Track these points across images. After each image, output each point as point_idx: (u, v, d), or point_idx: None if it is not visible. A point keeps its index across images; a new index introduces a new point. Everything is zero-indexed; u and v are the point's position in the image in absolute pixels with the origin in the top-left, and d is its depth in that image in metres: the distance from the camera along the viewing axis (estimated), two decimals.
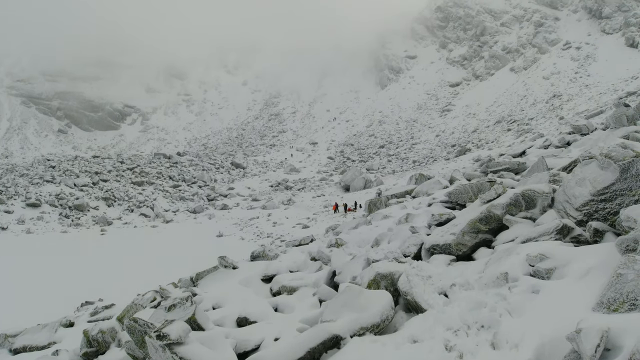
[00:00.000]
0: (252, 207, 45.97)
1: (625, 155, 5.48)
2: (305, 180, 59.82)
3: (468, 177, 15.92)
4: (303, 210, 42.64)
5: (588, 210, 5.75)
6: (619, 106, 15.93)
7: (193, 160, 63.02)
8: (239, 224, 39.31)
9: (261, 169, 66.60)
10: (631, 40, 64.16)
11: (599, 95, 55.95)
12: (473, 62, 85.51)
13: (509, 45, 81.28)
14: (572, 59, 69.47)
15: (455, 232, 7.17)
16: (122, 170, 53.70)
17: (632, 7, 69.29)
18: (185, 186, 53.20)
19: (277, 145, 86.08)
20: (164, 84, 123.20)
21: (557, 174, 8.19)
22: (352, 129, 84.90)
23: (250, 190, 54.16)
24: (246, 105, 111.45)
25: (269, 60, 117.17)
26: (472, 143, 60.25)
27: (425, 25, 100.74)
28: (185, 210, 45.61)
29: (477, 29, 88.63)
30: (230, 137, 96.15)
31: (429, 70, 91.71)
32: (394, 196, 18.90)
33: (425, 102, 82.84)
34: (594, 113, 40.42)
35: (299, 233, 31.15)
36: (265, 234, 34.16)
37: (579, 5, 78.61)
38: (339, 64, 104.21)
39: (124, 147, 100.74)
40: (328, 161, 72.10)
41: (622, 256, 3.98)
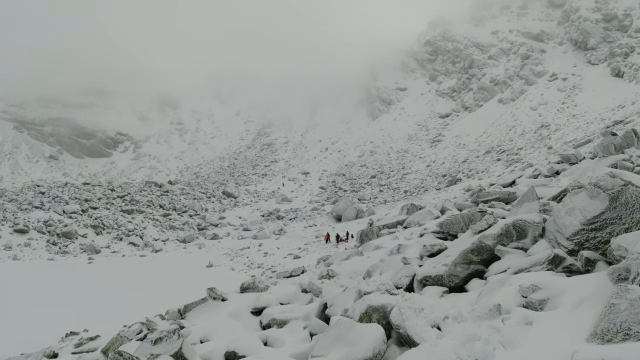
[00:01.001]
0: (243, 237, 45.57)
1: (614, 184, 5.53)
2: (297, 210, 59.65)
3: (459, 207, 15.96)
4: (294, 240, 42.33)
5: (579, 240, 5.74)
6: (606, 135, 16.19)
7: (184, 189, 62.73)
8: (229, 254, 38.85)
9: (253, 198, 66.39)
10: (617, 70, 65.86)
11: (586, 124, 57.04)
12: (462, 94, 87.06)
13: (497, 77, 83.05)
14: (558, 90, 71.05)
15: (447, 263, 7.12)
16: (112, 198, 53.25)
17: (617, 38, 71.39)
18: (176, 215, 52.74)
19: (269, 174, 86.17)
20: (158, 113, 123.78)
21: (547, 203, 8.23)
22: (343, 159, 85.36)
23: (242, 220, 53.82)
24: (239, 135, 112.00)
25: (262, 90, 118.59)
26: (463, 173, 60.75)
27: (415, 59, 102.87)
28: (175, 239, 45.06)
29: (465, 62, 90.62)
30: (223, 166, 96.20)
31: (419, 102, 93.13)
32: (386, 226, 18.88)
33: (416, 133, 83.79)
34: (582, 142, 41.12)
35: (290, 264, 30.85)
36: (255, 264, 33.75)
37: (564, 37, 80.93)
38: (331, 96, 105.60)
39: (115, 174, 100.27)
40: (320, 191, 72.13)
41: (615, 285, 3.96)
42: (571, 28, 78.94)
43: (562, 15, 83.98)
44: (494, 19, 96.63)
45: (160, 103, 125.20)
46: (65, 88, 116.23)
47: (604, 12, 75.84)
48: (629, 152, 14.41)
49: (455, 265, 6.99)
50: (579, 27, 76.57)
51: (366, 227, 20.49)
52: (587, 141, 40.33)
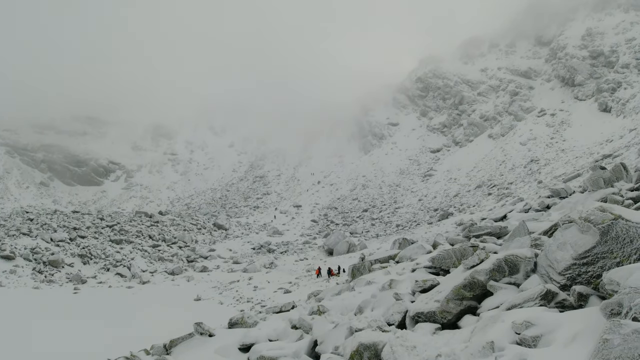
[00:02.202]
0: (232, 270, 44.91)
1: (604, 218, 5.54)
2: (288, 243, 59.18)
3: (451, 242, 15.92)
4: (285, 274, 41.78)
5: (571, 274, 5.71)
6: (595, 169, 16.37)
7: (175, 220, 62.14)
8: (218, 287, 38.17)
9: (244, 230, 65.87)
10: (604, 105, 67.32)
11: (575, 158, 57.86)
12: (452, 129, 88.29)
13: (486, 113, 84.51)
14: (547, 125, 72.32)
15: (440, 299, 7.04)
16: (101, 227, 52.58)
17: (604, 74, 73.21)
18: (165, 246, 52.04)
19: (260, 207, 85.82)
20: (151, 143, 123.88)
21: (539, 238, 8.22)
22: (336, 193, 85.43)
23: (232, 253, 53.20)
24: (232, 167, 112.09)
25: (255, 123, 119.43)
26: (454, 207, 60.92)
27: (407, 95, 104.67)
28: (164, 271, 44.28)
29: (455, 98, 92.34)
30: (214, 197, 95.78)
31: (410, 137, 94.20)
32: (378, 261, 18.75)
33: (408, 167, 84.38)
34: (571, 176, 41.61)
35: (281, 298, 30.33)
36: (245, 298, 33.13)
37: (551, 74, 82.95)
38: (324, 130, 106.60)
39: (105, 203, 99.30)
40: (312, 224, 71.81)
41: (607, 321, 3.91)
42: (558, 65, 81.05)
43: (549, 53, 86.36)
44: (482, 57, 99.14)
45: (154, 133, 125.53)
46: (59, 115, 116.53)
47: (590, 49, 78.09)
48: (619, 185, 14.56)
49: (448, 301, 6.90)
50: (566, 64, 78.64)
51: (358, 262, 20.33)
52: (577, 175, 40.84)
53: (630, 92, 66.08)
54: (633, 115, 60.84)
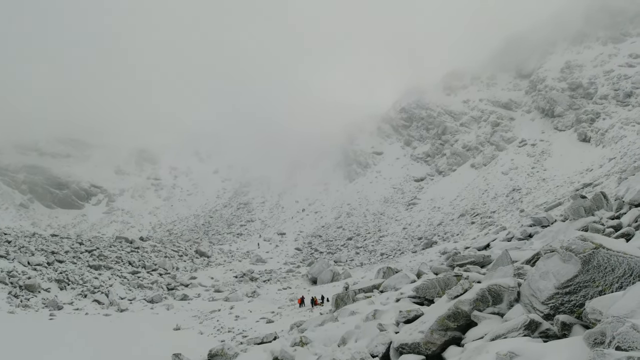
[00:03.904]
0: (214, 299, 44.08)
1: (585, 247, 5.58)
2: (272, 271, 58.47)
3: (435, 271, 15.90)
4: (268, 303, 41.13)
5: (554, 304, 5.71)
6: (576, 198, 16.63)
7: (156, 246, 61.04)
8: (198, 316, 37.35)
9: (226, 258, 64.96)
10: (583, 135, 68.99)
11: (556, 187, 58.86)
12: (436, 159, 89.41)
13: (469, 143, 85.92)
14: (528, 155, 73.72)
15: (424, 330, 6.96)
16: (80, 252, 51.34)
17: (583, 105, 75.21)
18: (145, 273, 50.93)
19: (244, 234, 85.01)
20: (135, 167, 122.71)
21: (522, 267, 8.24)
22: (320, 221, 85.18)
23: (214, 281, 52.26)
24: (215, 193, 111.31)
25: (241, 150, 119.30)
26: (438, 236, 61.15)
27: (391, 125, 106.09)
28: (143, 299, 43.22)
29: (438, 128, 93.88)
30: (197, 224, 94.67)
31: (394, 166, 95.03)
32: (362, 290, 18.61)
33: (392, 196, 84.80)
34: (552, 205, 42.23)
35: (263, 328, 29.78)
36: (226, 328, 32.42)
37: (532, 105, 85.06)
38: (309, 158, 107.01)
39: (85, 227, 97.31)
40: (295, 252, 71.22)
41: (591, 350, 3.90)
42: (538, 97, 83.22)
43: (530, 85, 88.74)
44: (465, 89, 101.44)
45: (138, 157, 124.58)
46: (43, 136, 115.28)
47: (569, 81, 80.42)
48: (599, 214, 14.78)
49: (432, 332, 6.83)
50: (546, 95, 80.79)
51: (342, 291, 20.13)
52: (558, 204, 41.46)
53: (608, 122, 67.96)
54: (612, 144, 62.43)
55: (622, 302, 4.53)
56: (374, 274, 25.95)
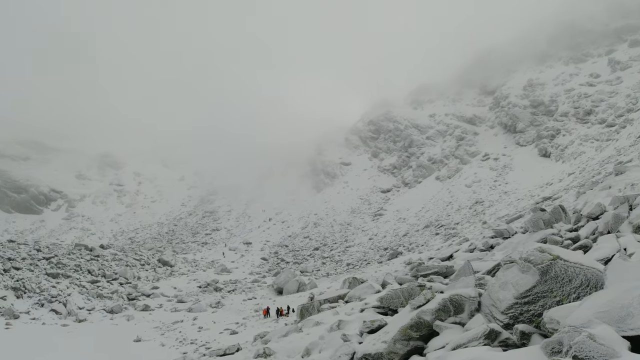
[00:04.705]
0: (176, 309, 42.99)
1: (543, 258, 5.72)
2: (237, 281, 57.60)
3: (399, 281, 16.00)
4: (232, 314, 40.43)
5: (513, 313, 5.80)
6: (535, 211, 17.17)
7: (117, 255, 59.20)
8: (160, 327, 36.33)
9: (190, 267, 63.62)
10: (544, 150, 71.79)
11: (517, 200, 60.64)
12: (402, 171, 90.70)
13: (434, 156, 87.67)
14: (491, 169, 75.81)
15: (387, 340, 6.96)
16: (38, 259, 49.32)
17: (543, 122, 78.19)
18: (105, 282, 49.26)
19: (209, 243, 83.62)
20: (97, 172, 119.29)
21: (483, 277, 8.39)
22: (287, 230, 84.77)
23: (176, 291, 51.04)
24: (181, 201, 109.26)
25: (209, 158, 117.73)
26: (404, 246, 61.80)
27: (359, 136, 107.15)
28: (102, 309, 41.75)
29: (405, 141, 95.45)
30: (161, 232, 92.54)
31: (362, 177, 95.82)
32: (327, 301, 18.55)
33: (359, 207, 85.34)
34: (513, 217, 43.32)
35: (227, 340, 29.23)
36: (189, 339, 31.62)
37: (495, 121, 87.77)
38: (278, 167, 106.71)
39: (43, 234, 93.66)
40: (261, 262, 70.49)
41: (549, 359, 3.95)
42: (501, 113, 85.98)
43: (493, 102, 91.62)
44: (431, 104, 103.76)
45: (100, 162, 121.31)
46: (2, 137, 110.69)
47: (531, 98, 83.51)
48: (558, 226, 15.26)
49: (395, 342, 6.83)
50: (509, 112, 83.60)
51: (307, 302, 20.00)
52: (519, 216, 42.57)
53: (568, 139, 70.77)
54: (571, 160, 65.03)
55: (579, 312, 4.64)
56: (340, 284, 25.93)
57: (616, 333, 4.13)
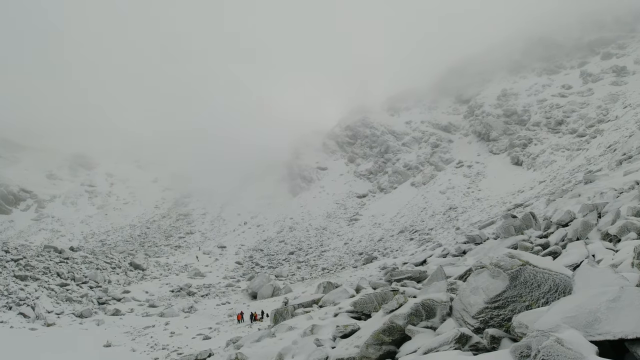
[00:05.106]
0: (148, 314, 42.21)
1: (513, 264, 5.80)
2: (210, 285, 56.90)
3: (373, 286, 16.06)
4: (205, 319, 39.94)
5: (484, 318, 5.87)
6: (507, 217, 17.49)
7: (87, 257, 57.76)
8: (131, 332, 35.62)
9: (163, 271, 62.55)
10: (516, 159, 73.61)
11: (489, 207, 61.81)
12: (378, 176, 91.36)
13: (410, 162, 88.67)
14: (464, 176, 77.14)
15: (360, 344, 6.95)
16: (6, 260, 47.96)
17: (516, 131, 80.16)
18: (74, 286, 48.06)
19: (183, 246, 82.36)
20: (68, 172, 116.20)
21: (454, 282, 8.47)
22: (262, 234, 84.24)
23: (148, 295, 50.11)
24: (154, 203, 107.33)
25: (184, 160, 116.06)
26: (378, 251, 62.15)
27: (336, 141, 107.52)
28: (71, 313, 40.75)
29: (381, 147, 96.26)
30: (133, 235, 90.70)
31: (338, 182, 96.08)
32: (301, 305, 18.47)
33: (335, 211, 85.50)
34: (486, 224, 44.09)
35: (199, 345, 28.89)
36: (160, 345, 31.09)
37: (469, 129, 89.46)
38: (254, 171, 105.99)
39: (12, 234, 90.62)
40: (236, 266, 69.79)
41: None
42: (476, 121, 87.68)
43: (468, 110, 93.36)
44: (408, 111, 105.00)
45: (72, 162, 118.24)
46: None
47: (504, 108, 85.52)
48: (528, 233, 15.58)
49: (368, 346, 6.82)
50: (483, 120, 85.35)
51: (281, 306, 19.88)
52: (491, 223, 43.36)
53: (540, 148, 72.69)
54: (542, 168, 66.76)
55: (547, 317, 4.71)
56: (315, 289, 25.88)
57: (584, 338, 4.21)
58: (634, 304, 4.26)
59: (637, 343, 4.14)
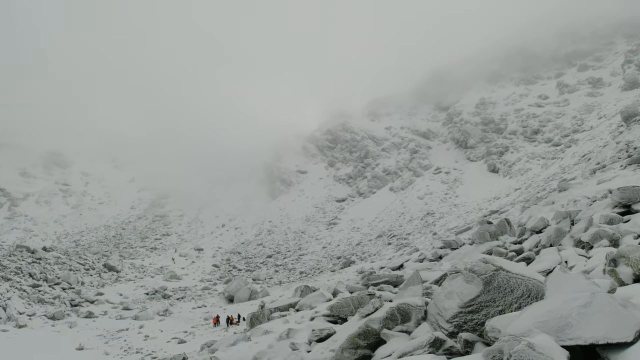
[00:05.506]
0: (122, 317, 41.44)
1: (486, 269, 5.87)
2: (186, 288, 56.15)
3: (350, 290, 16.08)
4: (181, 322, 39.40)
5: (458, 322, 5.92)
6: (482, 223, 17.76)
7: (60, 258, 56.46)
8: (104, 335, 34.91)
9: (138, 273, 61.51)
10: (492, 166, 75.09)
11: (466, 213, 62.70)
12: (357, 181, 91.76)
13: (389, 167, 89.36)
14: (442, 182, 78.16)
15: (335, 348, 6.94)
16: None
17: (493, 139, 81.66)
18: (47, 287, 46.97)
19: (159, 248, 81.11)
20: (43, 171, 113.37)
21: (430, 286, 8.54)
22: (240, 237, 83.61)
23: (122, 298, 49.18)
24: (130, 203, 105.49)
25: (161, 161, 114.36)
26: (356, 255, 62.32)
27: (316, 145, 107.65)
28: (43, 314, 39.82)
29: (361, 152, 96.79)
30: (108, 236, 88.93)
31: (317, 185, 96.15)
32: (278, 309, 18.38)
33: (314, 215, 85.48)
34: (462, 229, 44.66)
35: (174, 349, 28.48)
36: (134, 349, 30.54)
37: (447, 136, 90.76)
38: (234, 173, 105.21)
39: None
40: (213, 269, 69.04)
41: None
42: (454, 129, 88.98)
43: (447, 118, 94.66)
44: (388, 116, 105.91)
45: (47, 160, 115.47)
46: None
47: (482, 116, 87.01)
48: (503, 239, 15.82)
49: (343, 350, 6.81)
50: (461, 128, 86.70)
51: (257, 310, 19.74)
52: (467, 228, 43.92)
53: (516, 156, 74.20)
54: (518, 176, 68.14)
55: (519, 322, 4.77)
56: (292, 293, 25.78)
57: (555, 342, 4.26)
58: (605, 310, 4.34)
59: (608, 348, 4.22)
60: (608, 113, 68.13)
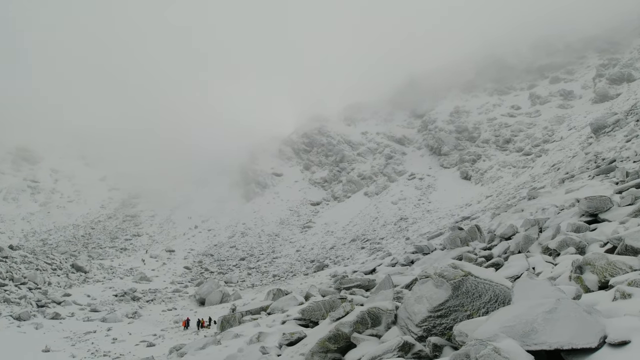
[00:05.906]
0: (89, 319, 40.40)
1: (455, 274, 5.96)
2: (157, 290, 55.17)
3: (323, 293, 16.09)
4: (150, 325, 38.64)
5: (427, 326, 5.98)
6: (454, 229, 18.06)
7: (27, 257, 54.69)
8: (71, 337, 33.97)
9: (107, 274, 60.14)
10: (465, 173, 76.59)
11: (438, 219, 63.58)
12: (332, 185, 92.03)
13: (364, 172, 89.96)
14: (416, 188, 79.13)
15: (305, 352, 6.93)
16: None
17: (466, 147, 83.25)
18: (13, 286, 45.47)
19: (129, 249, 79.50)
20: (11, 166, 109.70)
21: (401, 291, 8.61)
22: (213, 239, 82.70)
23: (90, 299, 47.99)
24: (100, 202, 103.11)
25: (133, 159, 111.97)
26: (330, 259, 62.42)
27: (292, 148, 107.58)
28: (9, 315, 38.55)
29: (337, 156, 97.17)
30: (76, 235, 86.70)
31: (292, 188, 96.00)
32: (249, 312, 18.25)
33: (288, 218, 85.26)
34: (434, 235, 45.29)
35: (142, 352, 27.92)
36: (101, 352, 29.79)
37: (422, 143, 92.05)
38: (208, 174, 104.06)
39: None
40: (184, 271, 68.04)
41: None
42: (428, 136, 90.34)
43: (422, 125, 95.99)
44: (364, 122, 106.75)
45: (15, 156, 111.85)
46: None
47: (456, 124, 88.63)
48: (473, 244, 16.10)
49: (313, 354, 6.80)
50: (435, 135, 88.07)
51: (228, 313, 19.54)
52: (439, 234, 44.56)
53: (488, 164, 75.79)
54: (490, 184, 69.59)
55: (486, 326, 4.85)
56: (264, 296, 25.64)
57: (520, 347, 4.35)
58: (570, 316, 4.44)
59: (572, 354, 4.32)
60: (578, 125, 70.18)
